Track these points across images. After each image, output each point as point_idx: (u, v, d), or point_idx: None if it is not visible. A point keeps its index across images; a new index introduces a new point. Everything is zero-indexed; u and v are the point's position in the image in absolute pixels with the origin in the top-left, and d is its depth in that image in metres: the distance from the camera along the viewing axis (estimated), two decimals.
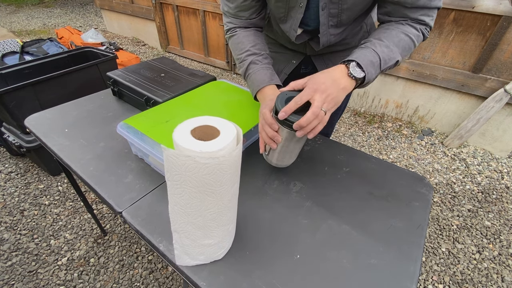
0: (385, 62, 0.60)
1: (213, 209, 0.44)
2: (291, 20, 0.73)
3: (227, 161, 0.38)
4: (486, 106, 1.87)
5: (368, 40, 0.63)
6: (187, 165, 0.37)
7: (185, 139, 0.40)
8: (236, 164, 0.42)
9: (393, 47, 0.60)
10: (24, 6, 5.91)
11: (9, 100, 1.43)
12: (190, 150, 0.38)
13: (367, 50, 0.59)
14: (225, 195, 0.43)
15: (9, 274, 1.26)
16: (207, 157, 0.36)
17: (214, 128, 0.43)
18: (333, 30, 0.72)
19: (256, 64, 0.72)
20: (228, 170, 0.40)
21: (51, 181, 1.75)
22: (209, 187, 0.40)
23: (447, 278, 1.31)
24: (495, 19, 1.73)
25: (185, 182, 0.39)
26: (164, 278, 1.26)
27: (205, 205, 0.43)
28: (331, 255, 0.56)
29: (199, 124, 0.43)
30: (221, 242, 0.51)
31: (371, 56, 0.58)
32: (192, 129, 0.42)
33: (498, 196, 1.73)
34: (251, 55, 0.73)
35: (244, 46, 0.74)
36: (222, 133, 0.42)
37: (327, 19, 0.68)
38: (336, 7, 0.65)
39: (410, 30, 0.62)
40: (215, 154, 0.38)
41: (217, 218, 0.46)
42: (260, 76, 0.70)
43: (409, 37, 0.62)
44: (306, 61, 0.91)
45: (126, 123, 0.74)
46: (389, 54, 0.60)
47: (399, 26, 0.63)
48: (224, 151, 0.39)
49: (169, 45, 3.75)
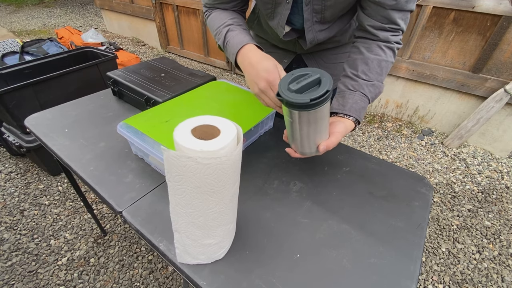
0: (373, 99, 0.69)
1: (214, 209, 0.44)
2: (278, 17, 0.73)
3: (228, 161, 0.38)
4: (486, 106, 1.87)
5: (354, 78, 0.67)
6: (188, 166, 0.37)
7: (186, 139, 0.39)
8: (236, 163, 0.42)
9: (377, 80, 0.67)
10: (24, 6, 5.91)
11: (9, 100, 1.44)
12: (191, 149, 0.38)
13: (357, 96, 0.66)
14: (226, 195, 0.43)
15: (9, 274, 1.26)
16: (208, 157, 0.36)
17: (215, 127, 0.43)
18: (318, 27, 0.73)
19: (234, 31, 0.70)
20: (229, 170, 0.40)
21: (51, 181, 1.75)
22: (210, 187, 0.40)
23: (447, 278, 1.31)
24: (495, 19, 1.73)
25: (186, 182, 0.39)
26: (164, 278, 1.26)
27: (207, 205, 0.43)
28: (331, 254, 0.56)
29: (199, 124, 0.43)
30: (222, 241, 0.51)
31: (362, 102, 0.66)
32: (192, 128, 0.42)
33: (498, 196, 1.73)
34: (229, 25, 0.71)
35: (221, 20, 0.73)
36: (223, 132, 0.42)
37: (311, 15, 0.69)
38: (319, 3, 0.66)
39: (388, 54, 0.67)
40: (216, 153, 0.38)
41: (218, 217, 0.46)
42: (239, 38, 0.67)
43: (389, 61, 0.68)
44: (298, 60, 0.92)
45: (126, 123, 0.74)
46: (375, 91, 0.68)
47: (378, 53, 0.67)
48: (225, 150, 0.39)
49: (169, 45, 3.75)
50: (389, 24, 0.65)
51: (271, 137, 0.90)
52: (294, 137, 0.61)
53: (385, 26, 0.65)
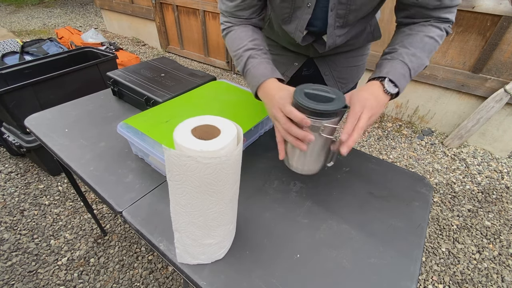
0: (415, 71, 0.60)
1: (214, 209, 0.44)
2: (297, 21, 0.70)
3: (228, 160, 0.38)
4: (486, 106, 1.87)
5: (393, 49, 0.61)
6: (189, 165, 0.37)
7: (186, 138, 0.39)
8: (237, 163, 0.42)
9: (420, 53, 0.60)
10: (24, 6, 5.91)
11: (9, 100, 1.44)
12: (191, 149, 0.38)
13: (395, 62, 0.58)
14: (226, 195, 0.43)
15: (9, 274, 1.26)
16: (208, 157, 0.36)
17: (215, 127, 0.43)
18: (339, 31, 0.70)
19: (255, 59, 0.67)
20: (229, 170, 0.40)
21: (51, 181, 1.75)
22: (210, 186, 0.40)
23: (447, 278, 1.31)
24: (495, 19, 1.73)
25: (186, 182, 0.39)
26: (164, 278, 1.26)
27: (207, 204, 0.43)
28: (331, 254, 0.56)
29: (199, 124, 0.43)
30: (222, 241, 0.51)
31: (401, 69, 0.58)
32: (192, 128, 0.42)
33: (498, 196, 1.73)
34: (249, 50, 0.67)
35: (241, 41, 0.69)
36: (223, 132, 0.42)
37: (334, 20, 0.66)
38: (344, 8, 0.63)
39: (433, 31, 0.61)
40: (216, 153, 0.38)
41: (218, 217, 0.46)
42: (261, 70, 0.65)
43: (434, 39, 0.61)
44: (308, 63, 0.90)
45: (126, 123, 0.74)
46: (417, 61, 0.60)
47: (422, 29, 0.61)
48: (225, 150, 0.39)
49: (169, 45, 3.75)
50: (435, 19, 0.61)
51: (271, 137, 0.90)
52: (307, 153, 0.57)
53: (430, 20, 0.61)
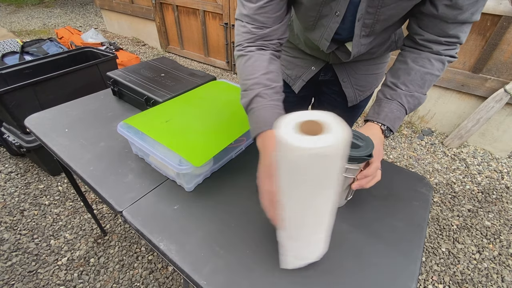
0: (410, 110, 0.65)
1: (328, 202, 0.44)
2: (323, 29, 0.68)
3: (341, 155, 0.37)
4: (486, 106, 1.87)
5: (393, 87, 0.65)
6: (312, 163, 0.36)
7: (299, 137, 0.36)
8: (344, 156, 0.40)
9: (417, 92, 0.64)
10: (24, 6, 5.91)
11: (9, 100, 1.44)
12: (313, 147, 0.35)
13: (393, 105, 0.63)
14: (337, 185, 0.42)
15: (9, 274, 1.26)
16: (331, 151, 0.35)
17: (314, 121, 0.40)
18: (364, 40, 0.69)
19: (263, 98, 0.59)
20: (340, 163, 0.39)
21: (51, 181, 1.75)
22: (328, 181, 0.40)
23: (447, 278, 1.31)
24: (495, 19, 1.73)
25: (307, 181, 0.39)
26: (164, 278, 1.26)
27: (324, 200, 0.43)
28: (331, 254, 0.56)
29: (303, 119, 0.40)
30: (327, 234, 0.52)
31: (398, 112, 0.63)
32: (296, 126, 0.39)
33: (498, 196, 1.73)
34: (259, 85, 0.60)
35: (254, 72, 0.61)
36: (325, 125, 0.39)
37: (360, 29, 0.65)
38: (371, 18, 0.61)
39: (435, 67, 0.62)
40: (335, 146, 0.36)
41: (328, 210, 0.46)
42: (266, 115, 0.58)
43: (435, 75, 0.64)
44: (326, 68, 0.88)
45: (126, 123, 0.74)
46: (414, 102, 0.64)
47: (425, 64, 0.62)
48: (340, 141, 0.36)
49: (169, 45, 3.75)
50: (447, 37, 0.59)
51: None
52: None
53: (441, 39, 0.59)
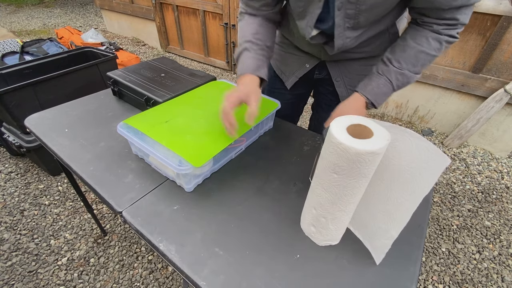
0: (398, 87, 0.68)
1: (360, 193, 0.51)
2: (309, 16, 0.69)
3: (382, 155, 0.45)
4: (486, 106, 1.87)
5: (386, 63, 0.67)
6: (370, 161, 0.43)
7: (354, 141, 0.43)
8: None
9: (409, 70, 0.66)
10: (24, 6, 5.91)
11: (9, 100, 1.43)
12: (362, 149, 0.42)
13: (381, 81, 0.67)
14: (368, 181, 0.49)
15: (9, 274, 1.26)
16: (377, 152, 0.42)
17: (361, 125, 0.47)
18: (350, 33, 0.68)
19: (249, 52, 0.73)
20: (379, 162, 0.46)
21: (51, 181, 1.75)
22: (368, 177, 0.47)
23: (447, 278, 1.31)
24: (495, 19, 1.73)
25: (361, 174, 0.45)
26: (164, 278, 1.26)
27: (361, 191, 0.50)
28: (331, 255, 0.56)
29: (352, 123, 0.47)
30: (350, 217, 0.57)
31: (385, 88, 0.67)
32: (347, 127, 0.46)
33: (498, 196, 1.73)
34: (248, 42, 0.74)
35: (246, 33, 0.75)
36: (376, 131, 0.45)
37: (343, 20, 0.64)
38: (353, 8, 0.61)
39: (433, 46, 0.64)
40: (382, 149, 0.43)
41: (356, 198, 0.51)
42: (248, 63, 0.72)
43: (430, 54, 0.65)
44: (321, 66, 0.89)
45: (126, 123, 0.74)
46: (403, 80, 0.67)
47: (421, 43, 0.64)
48: (385, 145, 0.43)
49: (169, 45, 3.75)
50: (445, 20, 0.61)
51: (271, 137, 0.90)
52: None
53: (439, 21, 0.61)
